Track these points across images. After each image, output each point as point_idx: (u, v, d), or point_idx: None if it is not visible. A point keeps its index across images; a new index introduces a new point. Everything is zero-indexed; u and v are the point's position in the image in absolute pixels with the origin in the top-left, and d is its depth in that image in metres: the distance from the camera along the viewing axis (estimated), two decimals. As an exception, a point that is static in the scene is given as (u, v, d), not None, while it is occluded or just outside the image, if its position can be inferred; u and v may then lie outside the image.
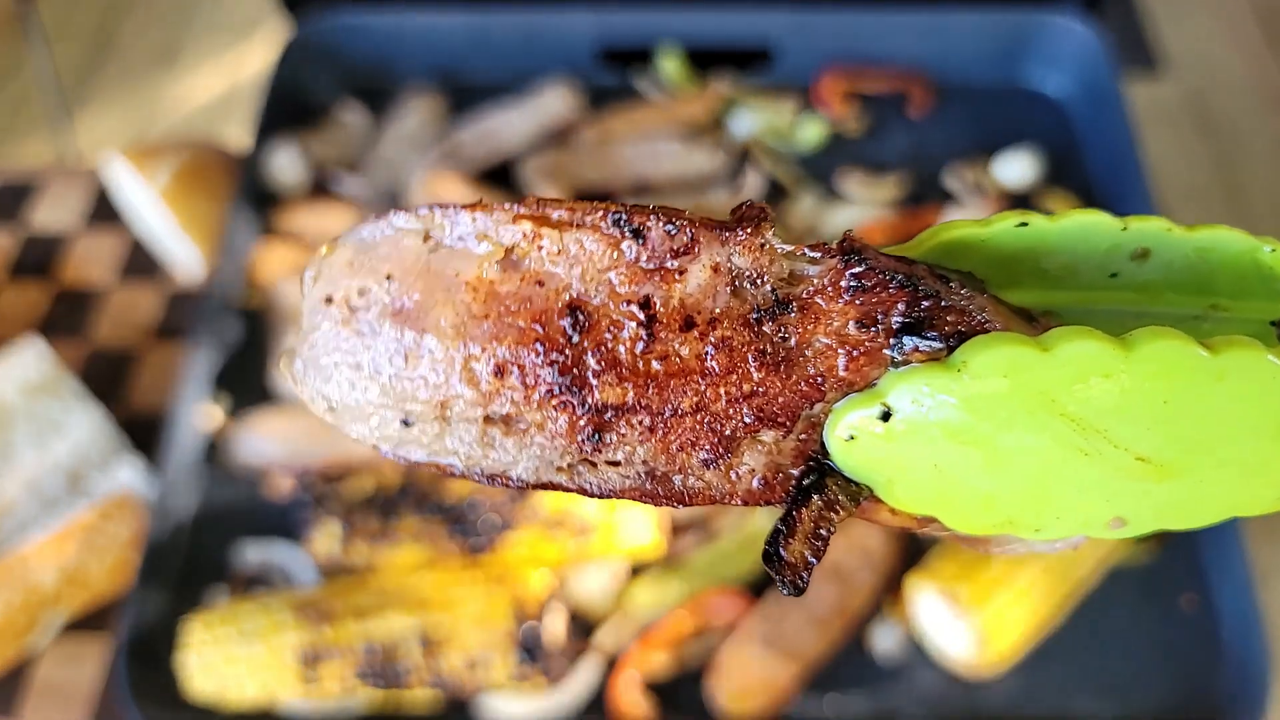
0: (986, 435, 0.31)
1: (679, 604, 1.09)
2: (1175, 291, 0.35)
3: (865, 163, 1.44)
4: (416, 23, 1.52)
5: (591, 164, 1.42)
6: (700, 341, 0.33)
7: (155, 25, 1.88)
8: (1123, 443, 0.31)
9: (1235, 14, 1.72)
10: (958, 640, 1.04)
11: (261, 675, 1.02)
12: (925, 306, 0.32)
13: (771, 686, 1.05)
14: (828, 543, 0.33)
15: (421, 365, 0.34)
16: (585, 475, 0.35)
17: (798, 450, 0.34)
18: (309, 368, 0.36)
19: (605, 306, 0.34)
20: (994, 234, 0.35)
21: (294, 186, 1.40)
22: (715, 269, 0.33)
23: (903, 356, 0.32)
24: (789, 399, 0.33)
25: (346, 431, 0.36)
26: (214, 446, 1.22)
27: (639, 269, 0.33)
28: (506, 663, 1.02)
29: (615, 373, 0.34)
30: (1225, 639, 1.08)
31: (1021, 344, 0.30)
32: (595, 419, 0.34)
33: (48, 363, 1.26)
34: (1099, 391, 0.30)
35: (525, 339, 0.34)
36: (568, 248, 0.34)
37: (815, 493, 0.33)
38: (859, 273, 0.33)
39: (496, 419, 0.35)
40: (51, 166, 1.61)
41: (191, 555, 1.16)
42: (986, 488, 0.32)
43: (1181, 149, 1.57)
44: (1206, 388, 0.30)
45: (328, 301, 0.35)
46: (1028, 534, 0.33)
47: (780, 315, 0.33)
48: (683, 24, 1.49)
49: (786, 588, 0.33)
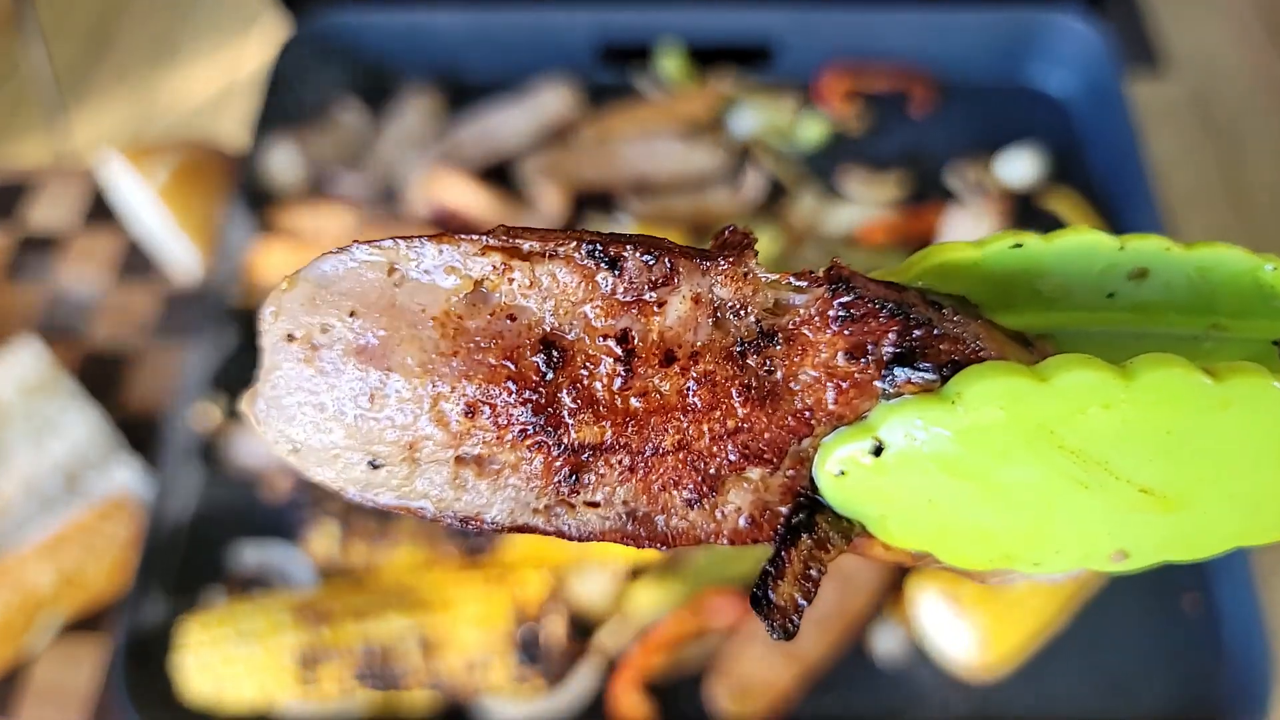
0: (982, 469, 0.30)
1: (679, 605, 1.08)
2: (1175, 311, 0.34)
3: (866, 161, 1.43)
4: (415, 21, 1.51)
5: (591, 163, 1.41)
6: (681, 376, 0.32)
7: (153, 23, 1.87)
8: (1125, 474, 0.30)
9: (1239, 13, 1.71)
10: (959, 642, 1.04)
11: (259, 677, 1.02)
12: (917, 336, 0.31)
13: (772, 688, 1.04)
14: (818, 584, 0.32)
15: (388, 405, 0.33)
16: (563, 517, 0.34)
17: (786, 487, 0.33)
18: (271, 408, 0.35)
19: (580, 341, 0.32)
20: (987, 256, 0.34)
21: (292, 185, 1.39)
22: (696, 300, 0.32)
23: (895, 388, 0.31)
24: (775, 434, 0.32)
25: (311, 475, 0.35)
26: (211, 447, 1.22)
27: (615, 301, 0.32)
28: (505, 664, 1.01)
29: (592, 410, 0.32)
30: (1227, 640, 1.08)
31: (1018, 374, 0.29)
32: (572, 459, 0.33)
33: (45, 362, 1.26)
34: (1099, 422, 0.29)
35: (496, 377, 0.32)
36: (540, 280, 0.32)
37: (804, 531, 0.32)
38: (847, 302, 0.32)
39: (468, 460, 0.33)
40: (48, 166, 1.60)
41: (189, 556, 1.16)
42: (983, 523, 0.31)
43: (1185, 148, 1.56)
44: (1211, 416, 0.29)
45: (289, 339, 0.34)
46: (1026, 568, 0.33)
47: (765, 347, 0.32)
48: (683, 21, 1.48)
49: (776, 632, 0.32)
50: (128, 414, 1.30)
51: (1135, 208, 1.30)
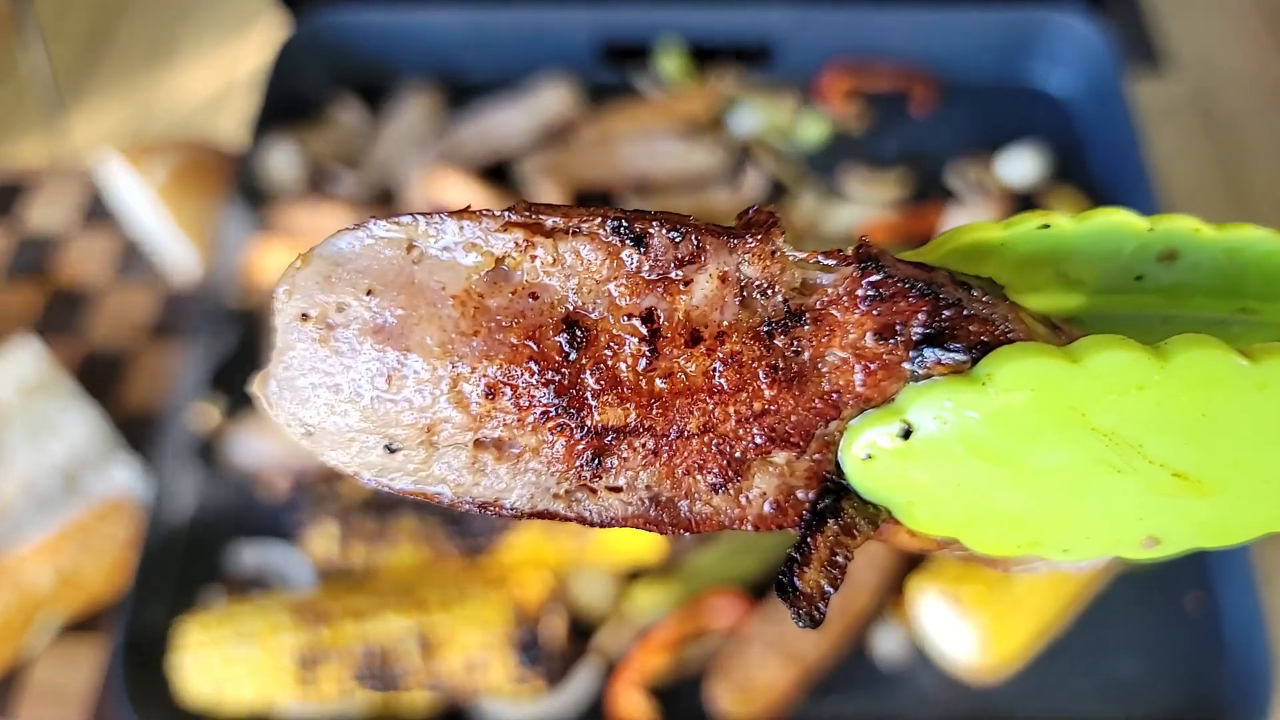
0: (1012, 452, 0.29)
1: (679, 606, 1.08)
2: (1203, 294, 0.34)
3: (867, 161, 1.43)
4: (414, 20, 1.50)
5: (591, 162, 1.41)
6: (707, 357, 0.31)
7: (151, 23, 1.86)
8: (1158, 458, 0.29)
9: (1240, 12, 1.71)
10: (961, 643, 1.04)
11: (258, 677, 1.01)
12: (947, 316, 0.30)
13: (772, 689, 1.04)
14: (845, 570, 0.31)
15: (406, 387, 0.32)
16: (584, 502, 0.33)
17: (811, 471, 0.32)
18: (284, 389, 0.33)
19: (604, 321, 0.31)
20: (1014, 237, 0.33)
21: (291, 185, 1.39)
22: (723, 279, 0.31)
23: (924, 370, 0.30)
24: (802, 417, 0.32)
25: (325, 459, 0.34)
26: (210, 447, 1.21)
27: (640, 279, 0.31)
28: (505, 665, 1.01)
29: (616, 392, 0.32)
30: (1229, 640, 1.08)
31: (1050, 355, 0.28)
32: (595, 442, 0.32)
33: (43, 363, 1.25)
34: (1132, 404, 0.28)
35: (518, 357, 0.31)
36: (563, 257, 0.31)
37: (830, 517, 0.31)
38: (877, 281, 0.31)
39: (488, 443, 0.32)
40: (46, 166, 1.60)
41: (188, 557, 1.15)
42: (1012, 507, 0.31)
43: (1186, 147, 1.56)
44: (1246, 398, 0.28)
45: (303, 318, 0.32)
46: (1055, 555, 0.32)
47: (793, 328, 0.31)
48: (683, 20, 1.48)
49: (802, 620, 0.31)
50: (126, 414, 1.29)
51: (1136, 207, 1.29)
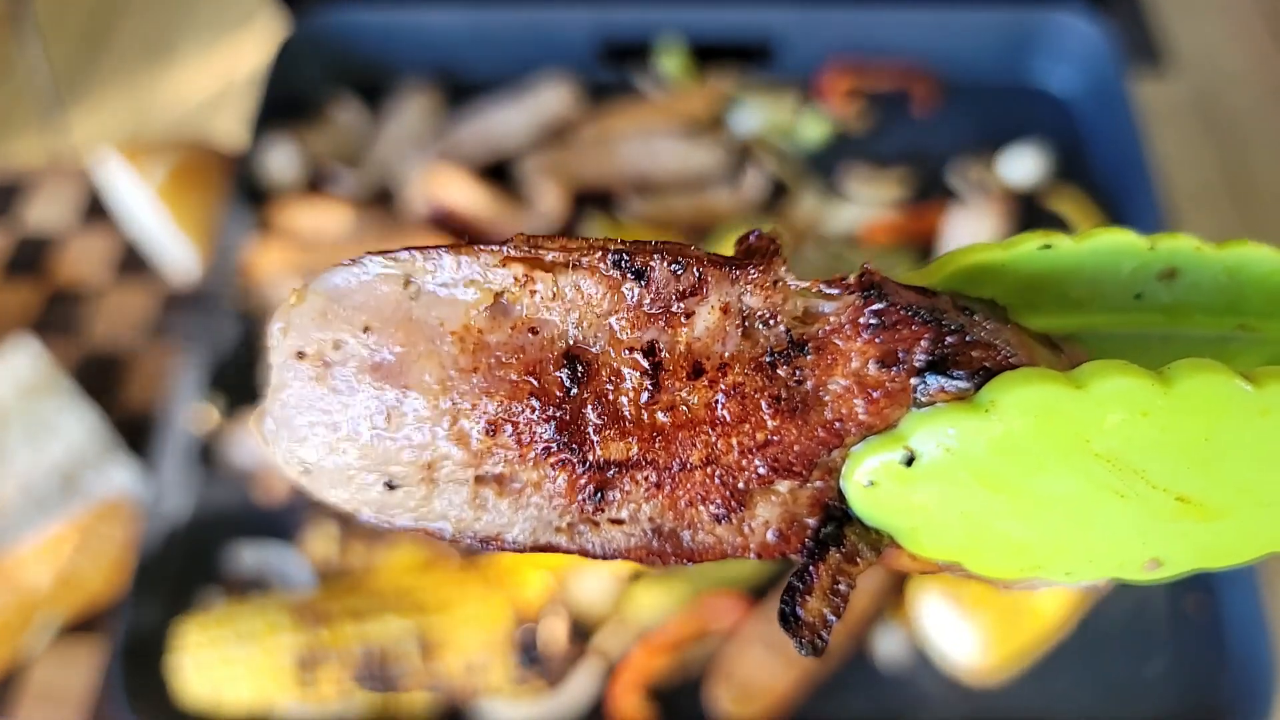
0: (1016, 478, 0.29)
1: (680, 608, 1.08)
2: (1202, 312, 0.33)
3: (868, 160, 1.43)
4: (414, 18, 1.50)
5: (591, 162, 1.41)
6: (710, 389, 0.31)
7: (150, 21, 1.86)
8: (1161, 483, 0.29)
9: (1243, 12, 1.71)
10: (962, 645, 1.03)
11: (257, 678, 1.01)
12: (950, 343, 0.30)
13: (773, 691, 1.04)
14: (847, 599, 0.31)
15: (405, 424, 0.32)
16: (587, 535, 0.33)
17: (813, 499, 0.32)
18: (281, 428, 0.33)
19: (605, 355, 0.31)
20: (1015, 258, 0.33)
21: (290, 184, 1.38)
22: (725, 310, 0.31)
23: (927, 397, 0.30)
24: (805, 447, 0.31)
25: (324, 496, 0.33)
26: (209, 448, 1.21)
27: (642, 313, 0.31)
28: (505, 666, 1.01)
29: (618, 426, 0.31)
30: (1231, 643, 1.07)
31: (1053, 381, 0.28)
32: (597, 476, 0.32)
33: (42, 363, 1.25)
34: (1136, 430, 0.28)
35: (518, 393, 0.31)
36: (563, 292, 0.31)
37: (833, 544, 0.31)
38: (879, 309, 0.30)
39: (489, 479, 0.32)
40: (45, 165, 1.60)
41: (186, 558, 1.15)
42: (1016, 533, 0.31)
43: (1189, 147, 1.56)
44: (1250, 423, 0.28)
45: (299, 356, 0.32)
46: (1057, 577, 0.32)
47: (795, 357, 0.31)
48: (683, 19, 1.48)
49: (805, 649, 0.31)
50: (125, 414, 1.29)
51: (1138, 207, 1.30)
